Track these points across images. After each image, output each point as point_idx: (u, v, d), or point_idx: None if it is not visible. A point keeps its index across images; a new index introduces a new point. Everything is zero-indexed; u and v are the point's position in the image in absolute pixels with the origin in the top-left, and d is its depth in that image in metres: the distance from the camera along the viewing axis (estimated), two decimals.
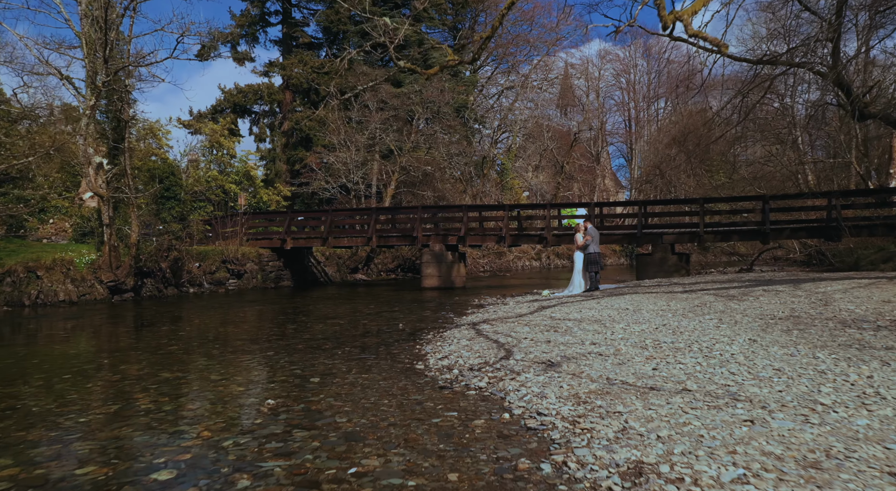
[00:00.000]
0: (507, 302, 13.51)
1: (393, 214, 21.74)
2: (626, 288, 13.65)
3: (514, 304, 12.67)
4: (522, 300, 13.60)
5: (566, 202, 31.49)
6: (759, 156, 27.65)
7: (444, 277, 20.05)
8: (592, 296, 12.15)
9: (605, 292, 12.93)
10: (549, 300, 12.45)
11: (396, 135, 28.50)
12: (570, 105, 51.23)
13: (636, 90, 52.35)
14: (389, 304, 14.59)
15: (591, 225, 13.58)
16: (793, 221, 16.45)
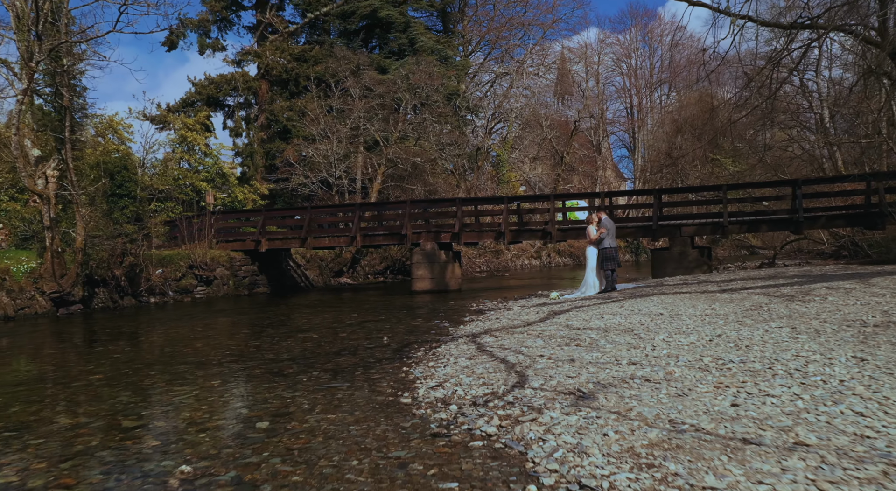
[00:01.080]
0: (510, 307, 12.11)
1: (379, 210, 20.32)
2: (648, 287, 12.28)
3: (518, 309, 11.28)
4: (528, 304, 12.21)
5: (572, 193, 30.13)
6: (779, 140, 26.35)
7: (437, 279, 18.65)
8: (611, 297, 10.77)
9: (625, 293, 11.55)
10: (560, 304, 11.06)
11: (382, 124, 27.06)
12: (567, 93, 49.96)
13: (638, 76, 51.12)
14: (375, 311, 13.17)
15: (606, 216, 12.21)
16: (828, 208, 15.13)
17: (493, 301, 14.52)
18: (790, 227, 15.06)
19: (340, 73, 28.06)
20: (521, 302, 13.20)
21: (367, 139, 28.23)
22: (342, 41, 32.62)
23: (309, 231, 19.88)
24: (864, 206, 14.61)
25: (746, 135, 27.89)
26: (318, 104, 27.33)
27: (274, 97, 33.25)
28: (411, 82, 27.69)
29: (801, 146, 24.14)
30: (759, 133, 27.62)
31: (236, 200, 29.06)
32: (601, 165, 48.12)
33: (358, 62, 29.13)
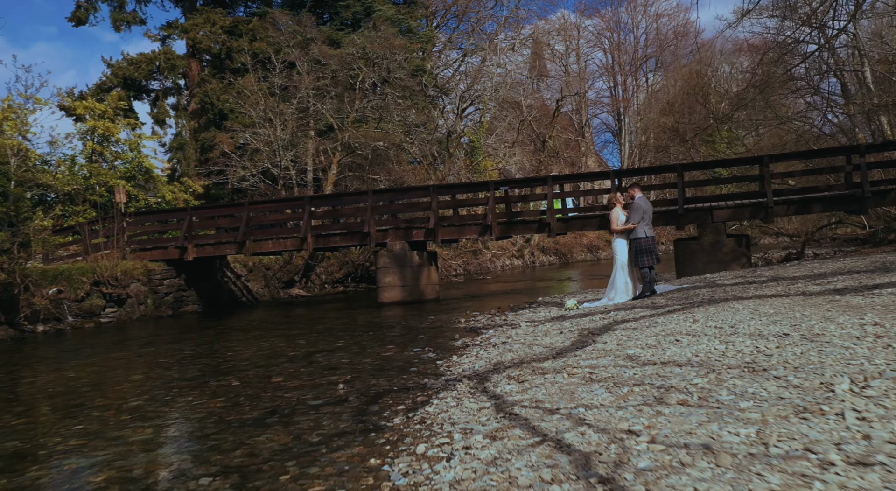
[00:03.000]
0: (514, 322, 9.57)
1: (335, 204, 17.61)
2: (699, 289, 9.80)
3: (528, 326, 8.74)
4: (538, 318, 9.69)
5: (575, 173, 27.68)
6: (794, 113, 24.42)
7: (410, 287, 16.05)
8: (657, 306, 8.28)
9: (671, 298, 9.08)
10: (587, 317, 8.55)
11: (336, 103, 24.29)
12: (543, 75, 47.77)
13: (622, 51, 49.28)
14: (331, 334, 10.49)
15: (641, 193, 9.74)
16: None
17: (485, 314, 11.97)
18: (852, 205, 12.87)
19: (284, 47, 25.20)
20: (525, 314, 10.67)
21: (320, 123, 25.44)
22: (286, 11, 29.72)
23: (248, 233, 17.05)
24: None
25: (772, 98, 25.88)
26: (258, 85, 24.42)
27: (206, 79, 30.16)
28: (369, 54, 24.98)
29: (825, 116, 22.20)
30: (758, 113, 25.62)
31: (165, 202, 25.93)
32: (585, 151, 46.09)
33: (305, 35, 26.30)
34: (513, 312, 11.54)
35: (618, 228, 9.78)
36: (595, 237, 44.94)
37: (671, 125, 33.02)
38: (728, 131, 37.80)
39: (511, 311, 12.05)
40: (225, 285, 19.53)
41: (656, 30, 49.39)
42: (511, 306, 13.29)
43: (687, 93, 46.51)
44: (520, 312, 11.23)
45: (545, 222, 15.13)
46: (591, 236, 44.70)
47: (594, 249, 44.50)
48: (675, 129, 30.04)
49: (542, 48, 43.14)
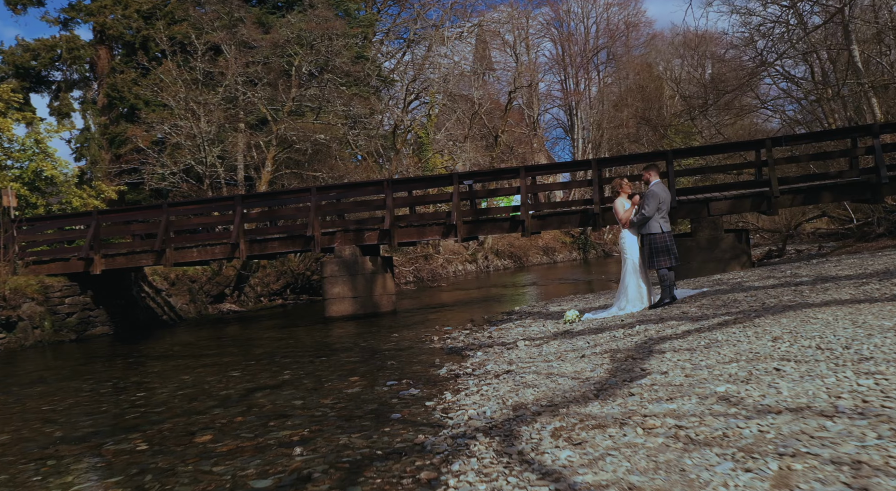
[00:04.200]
0: (506, 341, 8.04)
1: (272, 204, 15.71)
2: (731, 292, 8.46)
3: (528, 346, 7.23)
4: (534, 334, 8.19)
5: (551, 163, 26.32)
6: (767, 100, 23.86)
7: (363, 298, 14.36)
8: (693, 317, 6.87)
9: (701, 304, 7.70)
10: (603, 332, 7.09)
11: (269, 91, 22.31)
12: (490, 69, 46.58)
13: (573, 41, 48.67)
14: (274, 363, 8.70)
15: (657, 177, 8.35)
16: None
17: (460, 330, 10.41)
18: (865, 193, 11.92)
19: (207, 29, 23.05)
20: (513, 329, 9.15)
21: (251, 117, 23.37)
22: None
23: (168, 240, 14.98)
24: None
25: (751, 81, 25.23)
26: (178, 71, 22.19)
27: (118, 68, 27.59)
28: (304, 37, 23.09)
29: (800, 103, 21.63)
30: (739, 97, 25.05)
31: (72, 209, 23.30)
32: (537, 147, 45.20)
33: (232, 15, 24.21)
34: (494, 327, 10.00)
35: (623, 220, 8.32)
36: (551, 238, 44.06)
37: (638, 114, 32.22)
38: (684, 124, 37.51)
39: (491, 325, 10.52)
40: (142, 302, 17.30)
41: (607, 20, 49.11)
42: (487, 319, 11.78)
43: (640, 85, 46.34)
44: (503, 327, 9.70)
45: (519, 220, 13.68)
46: (547, 238, 43.81)
47: (550, 251, 43.60)
48: (646, 117, 29.18)
49: (492, 38, 42.04)
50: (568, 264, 41.18)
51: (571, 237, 45.19)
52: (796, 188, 12.25)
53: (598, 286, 18.72)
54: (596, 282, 21.18)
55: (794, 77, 22.45)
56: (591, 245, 45.15)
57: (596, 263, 39.38)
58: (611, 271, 29.82)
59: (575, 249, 44.98)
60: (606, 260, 42.42)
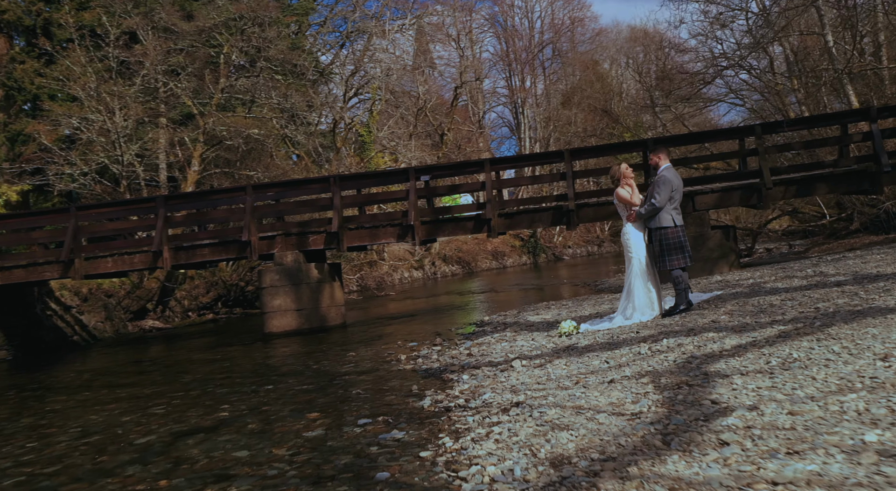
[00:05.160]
0: (494, 360, 6.91)
1: (200, 206, 14.13)
2: (755, 296, 7.53)
3: (526, 367, 6.12)
4: (521, 349, 7.08)
5: (520, 156, 25.21)
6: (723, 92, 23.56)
7: (309, 311, 13.01)
8: (735, 327, 5.86)
9: (731, 312, 6.72)
10: (619, 347, 6.03)
11: (195, 82, 20.60)
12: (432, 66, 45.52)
13: (518, 36, 48.17)
14: (207, 394, 7.30)
15: (668, 161, 7.34)
16: None
17: (427, 345, 9.22)
18: (863, 183, 11.33)
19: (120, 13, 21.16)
20: (495, 344, 8.01)
21: (174, 112, 21.58)
22: None
23: (77, 249, 13.25)
24: None
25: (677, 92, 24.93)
26: (88, 57, 20.24)
27: (17, 58, 25.21)
28: (233, 23, 21.49)
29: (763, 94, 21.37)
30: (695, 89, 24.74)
31: None
32: (484, 147, 44.43)
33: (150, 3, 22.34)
34: (469, 341, 8.84)
35: (629, 212, 7.29)
36: (500, 242, 43.24)
37: (597, 106, 31.71)
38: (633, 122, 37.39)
39: (465, 339, 9.35)
40: (48, 321, 15.40)
41: (551, 15, 48.83)
42: (456, 331, 10.62)
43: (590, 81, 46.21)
44: (481, 341, 8.54)
45: (484, 219, 12.58)
46: (496, 242, 42.97)
47: (500, 255, 42.80)
48: (606, 110, 28.65)
49: (434, 31, 41.07)
50: (518, 269, 40.43)
51: (521, 241, 44.54)
52: (789, 179, 11.58)
53: (557, 291, 17.84)
54: (555, 287, 20.31)
55: (756, 68, 22.19)
56: (542, 249, 44.61)
57: (547, 268, 38.74)
58: (562, 275, 29.20)
59: (525, 253, 44.33)
60: (557, 264, 41.92)
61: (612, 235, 49.29)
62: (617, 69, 48.21)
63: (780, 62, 22.79)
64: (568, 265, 38.72)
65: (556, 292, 17.49)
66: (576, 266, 35.89)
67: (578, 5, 49.20)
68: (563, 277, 25.16)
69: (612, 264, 32.93)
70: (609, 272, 25.13)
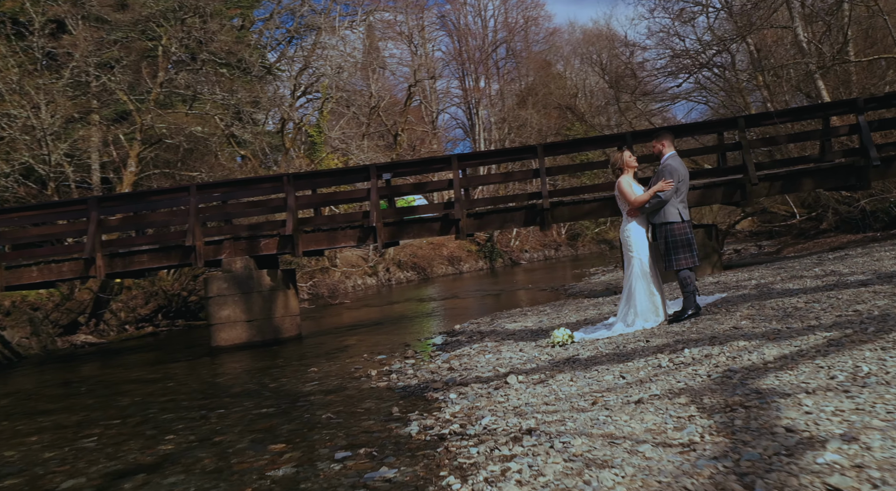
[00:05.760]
0: (482, 374, 6.22)
1: (139, 208, 13.04)
2: (757, 297, 6.99)
3: (524, 383, 5.45)
4: (510, 362, 6.41)
5: (491, 151, 24.43)
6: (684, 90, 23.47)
7: (260, 322, 12.11)
8: (771, 334, 5.28)
9: (752, 317, 6.15)
10: (634, 359, 5.40)
11: (131, 75, 19.37)
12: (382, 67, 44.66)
13: (471, 35, 47.77)
14: (143, 423, 6.39)
15: (672, 148, 6.72)
16: None
17: (398, 358, 8.48)
18: (850, 178, 11.04)
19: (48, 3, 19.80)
20: (477, 357, 7.31)
21: (108, 109, 20.28)
22: None
23: None
24: None
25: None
26: (9, 47, 18.81)
27: None
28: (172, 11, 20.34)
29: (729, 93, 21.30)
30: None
31: None
32: (438, 149, 43.80)
33: None
34: (446, 353, 8.11)
35: (633, 204, 6.63)
36: (456, 247, 42.67)
37: (562, 103, 31.38)
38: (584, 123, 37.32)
39: (440, 350, 8.62)
40: None
41: (505, 13, 48.61)
42: (428, 342, 9.88)
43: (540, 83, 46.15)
44: (459, 353, 7.83)
45: (452, 219, 11.88)
46: (452, 247, 42.42)
47: (456, 261, 42.20)
48: (570, 107, 28.31)
49: (386, 28, 40.34)
50: (475, 274, 39.88)
51: (477, 245, 44.06)
52: (774, 175, 11.23)
53: (525, 297, 17.27)
54: (520, 292, 19.73)
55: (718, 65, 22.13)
56: (499, 253, 44.20)
57: (504, 273, 38.28)
58: (522, 280, 28.70)
59: (481, 258, 43.85)
60: (514, 269, 41.49)
61: (569, 239, 49.26)
62: (570, 69, 48.29)
63: (741, 59, 22.81)
64: (526, 270, 38.34)
65: (525, 298, 16.91)
66: (534, 271, 35.51)
67: (532, 4, 49.15)
68: (525, 282, 24.61)
69: (571, 269, 32.70)
70: (573, 276, 24.76)
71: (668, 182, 6.40)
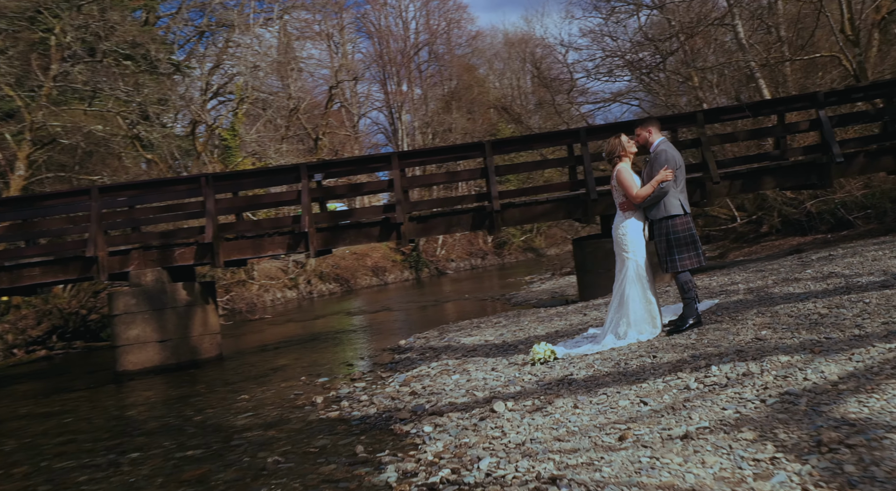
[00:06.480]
0: (456, 399, 5.39)
1: (28, 214, 11.54)
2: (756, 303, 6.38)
3: (526, 414, 4.68)
4: (489, 382, 5.61)
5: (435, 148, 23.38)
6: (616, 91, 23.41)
7: (175, 342, 10.91)
8: (773, 345, 4.66)
9: (765, 323, 5.53)
10: (644, 381, 4.68)
11: (19, 67, 17.55)
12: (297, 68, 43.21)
13: (392, 37, 46.99)
14: (34, 476, 5.23)
15: (660, 134, 5.99)
16: (866, 141, 10.98)
17: (344, 381, 7.56)
18: (811, 176, 10.80)
19: None
20: (441, 378, 6.47)
21: None
22: None
23: None
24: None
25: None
26: None
27: None
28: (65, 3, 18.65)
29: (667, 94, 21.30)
30: None
31: None
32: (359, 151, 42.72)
33: None
34: (400, 373, 7.22)
35: (640, 195, 5.82)
36: (380, 257, 41.65)
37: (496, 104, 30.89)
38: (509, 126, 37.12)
39: (390, 370, 7.71)
40: None
41: (427, 16, 48.10)
42: (375, 361, 8.95)
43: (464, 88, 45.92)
44: (417, 374, 6.95)
45: (393, 223, 10.99)
46: (376, 257, 41.37)
47: (380, 271, 41.10)
48: (506, 108, 27.86)
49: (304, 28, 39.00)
50: (401, 285, 38.94)
51: (402, 255, 43.15)
52: (734, 173, 10.89)
53: (465, 308, 16.54)
54: (458, 303, 18.97)
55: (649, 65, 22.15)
56: (424, 263, 43.44)
57: (431, 283, 37.54)
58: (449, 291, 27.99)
59: (407, 268, 42.96)
60: (441, 279, 40.77)
61: (495, 247, 48.99)
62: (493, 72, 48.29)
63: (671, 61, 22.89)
64: (453, 280, 37.70)
65: (467, 309, 16.14)
66: (461, 281, 34.92)
67: (454, 6, 48.89)
68: (457, 292, 23.90)
69: (501, 278, 32.26)
70: (507, 285, 24.24)
71: (669, 170, 5.74)
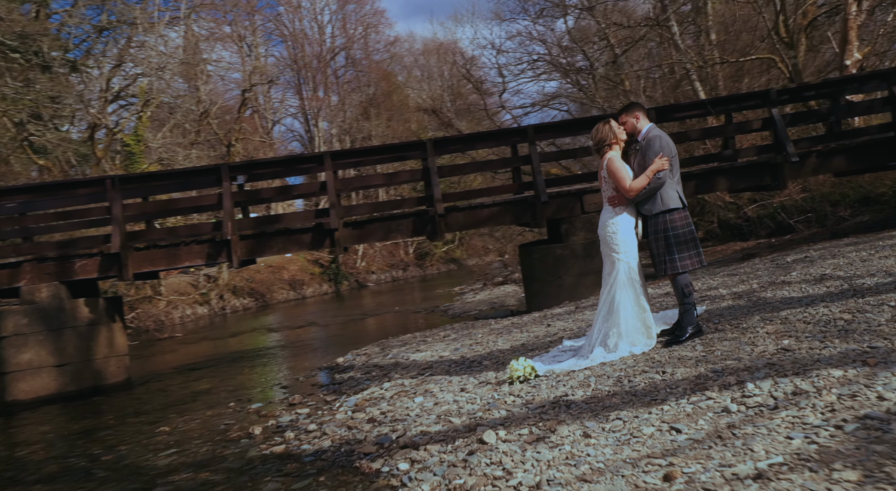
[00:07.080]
0: (428, 427, 4.67)
1: None
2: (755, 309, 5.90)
3: (526, 447, 3.98)
4: (466, 406, 4.93)
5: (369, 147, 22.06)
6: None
7: (76, 366, 9.77)
8: (798, 357, 4.16)
9: (782, 331, 5.04)
10: (661, 402, 4.07)
11: None
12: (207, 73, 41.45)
13: (308, 41, 45.75)
14: None
15: (648, 120, 5.38)
16: (818, 140, 10.88)
17: (282, 406, 6.75)
18: (764, 177, 10.62)
19: None
20: (402, 400, 5.78)
21: None
22: None
23: None
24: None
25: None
26: None
27: None
28: None
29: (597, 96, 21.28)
30: None
31: None
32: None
33: None
34: (353, 396, 6.41)
35: (634, 187, 5.19)
36: (298, 270, 40.23)
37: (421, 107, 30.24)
38: None
39: (341, 393, 6.88)
40: None
41: (343, 19, 47.12)
42: (312, 382, 8.09)
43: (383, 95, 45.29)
44: (369, 396, 6.18)
45: (327, 230, 10.16)
46: (293, 270, 39.95)
47: (298, 285, 39.65)
48: (436, 111, 27.25)
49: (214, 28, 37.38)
50: (320, 299, 37.68)
51: (321, 267, 41.91)
52: (688, 173, 10.61)
53: (399, 320, 15.80)
54: (388, 316, 18.18)
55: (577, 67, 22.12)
56: (344, 275, 42.30)
57: (352, 296, 36.48)
58: (374, 304, 27.12)
59: (325, 281, 41.69)
60: (361, 292, 39.76)
61: (417, 259, 48.35)
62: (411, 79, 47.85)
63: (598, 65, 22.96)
64: (374, 292, 36.76)
65: (403, 322, 15.36)
66: (384, 293, 34.07)
67: (371, 11, 48.13)
68: (384, 305, 23.09)
69: (425, 290, 31.64)
70: (436, 296, 23.61)
71: (665, 158, 5.18)
